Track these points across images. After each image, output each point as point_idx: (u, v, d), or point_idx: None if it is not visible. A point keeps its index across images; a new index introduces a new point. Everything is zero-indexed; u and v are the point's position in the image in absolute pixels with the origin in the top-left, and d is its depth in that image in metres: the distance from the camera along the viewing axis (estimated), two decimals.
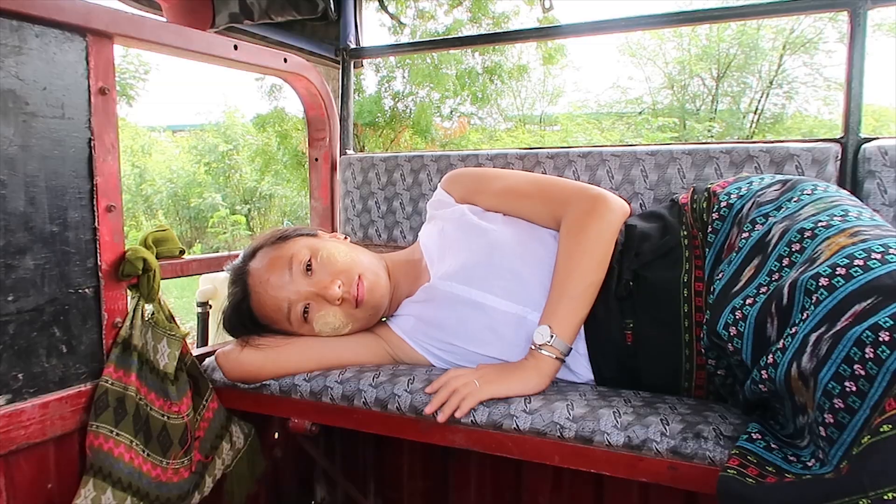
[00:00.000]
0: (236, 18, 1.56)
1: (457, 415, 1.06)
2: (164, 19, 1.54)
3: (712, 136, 10.93)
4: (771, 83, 11.91)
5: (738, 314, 0.89)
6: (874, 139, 1.27)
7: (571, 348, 1.10)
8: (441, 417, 1.07)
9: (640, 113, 12.26)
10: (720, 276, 0.98)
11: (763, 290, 0.88)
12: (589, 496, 1.50)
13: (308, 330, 1.24)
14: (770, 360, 0.81)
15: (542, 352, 1.08)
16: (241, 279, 1.26)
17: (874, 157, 1.23)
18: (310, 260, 1.21)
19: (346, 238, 1.36)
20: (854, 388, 0.70)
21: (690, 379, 1.08)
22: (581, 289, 1.09)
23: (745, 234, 0.99)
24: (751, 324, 0.87)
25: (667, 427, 0.96)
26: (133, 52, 14.20)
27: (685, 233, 1.12)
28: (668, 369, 1.09)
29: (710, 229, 1.08)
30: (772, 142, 1.35)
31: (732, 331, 0.89)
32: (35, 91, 1.03)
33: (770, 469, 0.79)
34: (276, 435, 1.59)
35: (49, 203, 1.06)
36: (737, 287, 0.93)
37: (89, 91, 1.11)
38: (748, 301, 0.89)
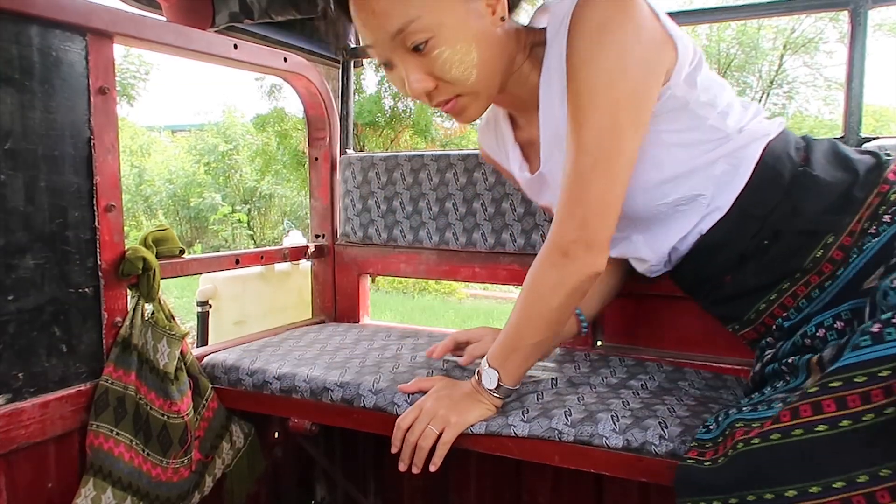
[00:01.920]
0: (236, 18, 1.56)
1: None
2: (164, 19, 1.54)
3: None
4: (771, 83, 11.91)
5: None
6: (874, 139, 1.27)
7: (515, 390, 1.07)
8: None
9: None
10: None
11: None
12: (589, 496, 1.50)
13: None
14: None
15: (488, 393, 1.05)
16: None
17: None
18: (427, 41, 0.92)
19: None
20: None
21: (751, 324, 1.03)
22: (536, 341, 1.02)
23: None
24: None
25: (665, 430, 0.96)
26: (134, 52, 14.22)
27: (856, 217, 0.93)
28: (741, 311, 1.04)
29: (872, 229, 0.92)
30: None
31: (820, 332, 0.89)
32: (35, 90, 1.03)
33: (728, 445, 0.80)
34: (276, 435, 1.59)
35: (49, 202, 1.06)
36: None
37: (89, 90, 1.11)
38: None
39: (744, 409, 0.85)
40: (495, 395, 1.05)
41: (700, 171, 0.98)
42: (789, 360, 0.87)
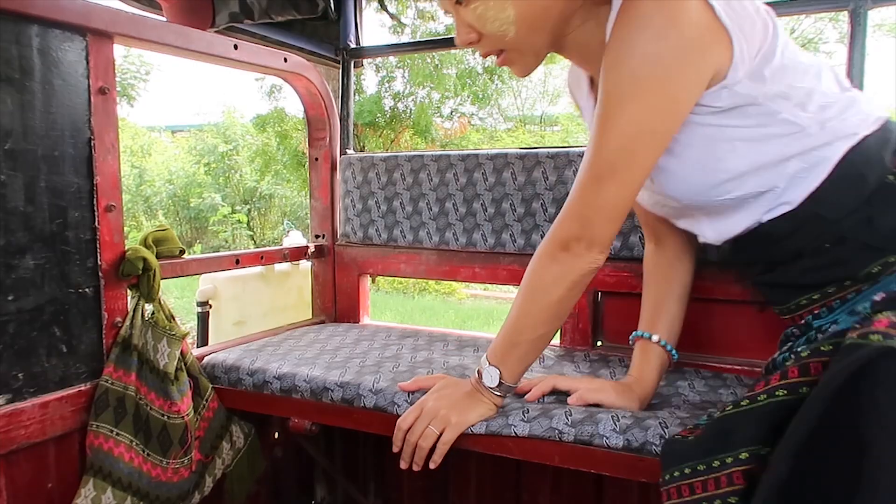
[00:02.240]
0: (236, 18, 1.56)
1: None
2: (165, 19, 1.54)
3: None
4: None
5: None
6: None
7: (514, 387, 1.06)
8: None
9: None
10: None
11: None
12: (589, 496, 1.49)
13: None
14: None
15: (489, 391, 1.04)
16: None
17: None
18: None
19: None
20: None
21: (788, 314, 1.00)
22: (535, 337, 1.01)
23: None
24: None
25: (666, 430, 0.96)
26: (134, 52, 14.22)
27: None
28: (781, 299, 1.00)
29: None
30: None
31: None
32: (35, 90, 1.03)
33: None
34: (276, 435, 1.59)
35: (49, 202, 1.06)
36: None
37: (89, 91, 1.11)
38: None
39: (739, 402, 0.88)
40: (496, 393, 1.04)
41: (770, 168, 0.90)
42: (798, 350, 0.87)
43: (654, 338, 1.12)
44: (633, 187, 0.91)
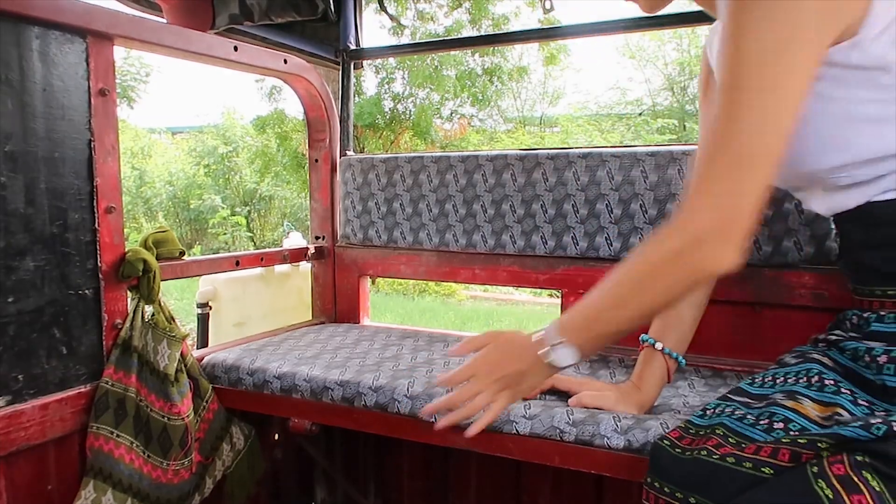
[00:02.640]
0: (236, 19, 1.56)
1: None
2: (165, 21, 1.54)
3: None
4: None
5: None
6: None
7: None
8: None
9: (640, 114, 12.27)
10: None
11: None
12: (589, 498, 1.49)
13: None
14: None
15: (550, 366, 0.93)
16: None
17: None
18: None
19: None
20: None
21: (858, 295, 0.94)
22: (628, 329, 0.90)
23: None
24: None
25: (666, 431, 0.96)
26: (134, 54, 14.23)
27: None
28: (859, 280, 0.93)
29: None
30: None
31: None
32: (35, 92, 1.03)
33: (710, 437, 0.83)
34: (276, 436, 1.59)
35: (49, 204, 1.06)
36: None
37: (89, 92, 1.11)
38: None
39: (735, 411, 0.86)
40: (558, 367, 0.93)
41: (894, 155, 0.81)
42: (833, 362, 0.86)
43: (659, 345, 1.09)
44: (774, 121, 0.77)
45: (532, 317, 6.82)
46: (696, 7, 1.14)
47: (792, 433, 0.78)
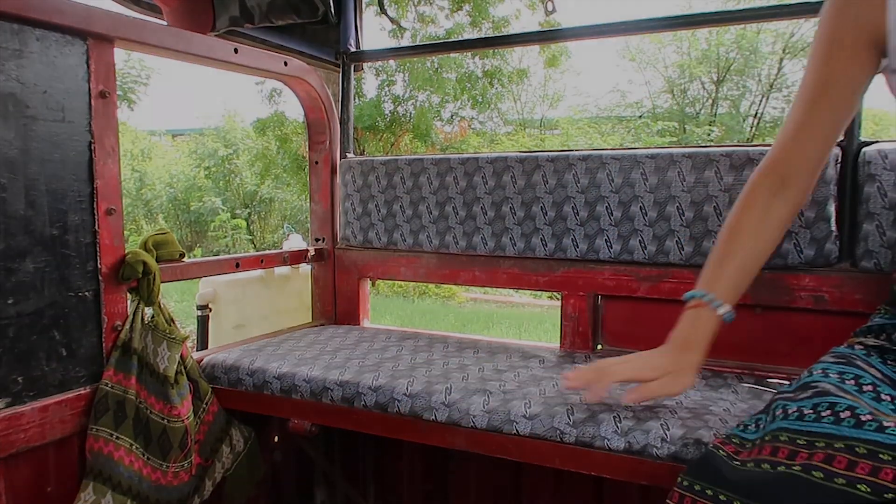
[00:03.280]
0: (237, 22, 1.56)
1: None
2: (165, 23, 1.54)
3: (712, 141, 10.95)
4: (771, 87, 11.92)
5: None
6: (874, 143, 1.27)
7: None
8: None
9: (640, 117, 12.27)
10: None
11: None
12: (589, 499, 1.49)
13: None
14: None
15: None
16: None
17: (874, 160, 1.23)
18: None
19: None
20: None
21: None
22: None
23: None
24: None
25: (667, 433, 0.96)
26: (135, 56, 14.24)
27: None
28: None
29: None
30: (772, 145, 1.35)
31: None
32: (35, 94, 1.03)
33: (747, 445, 0.79)
34: (276, 438, 1.59)
35: (49, 206, 1.06)
36: None
37: (90, 94, 1.11)
38: None
39: (790, 412, 0.79)
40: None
41: None
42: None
43: (708, 297, 1.01)
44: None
45: (532, 319, 6.81)
46: (695, 9, 1.14)
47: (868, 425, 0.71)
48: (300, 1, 1.59)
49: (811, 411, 0.77)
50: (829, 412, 0.75)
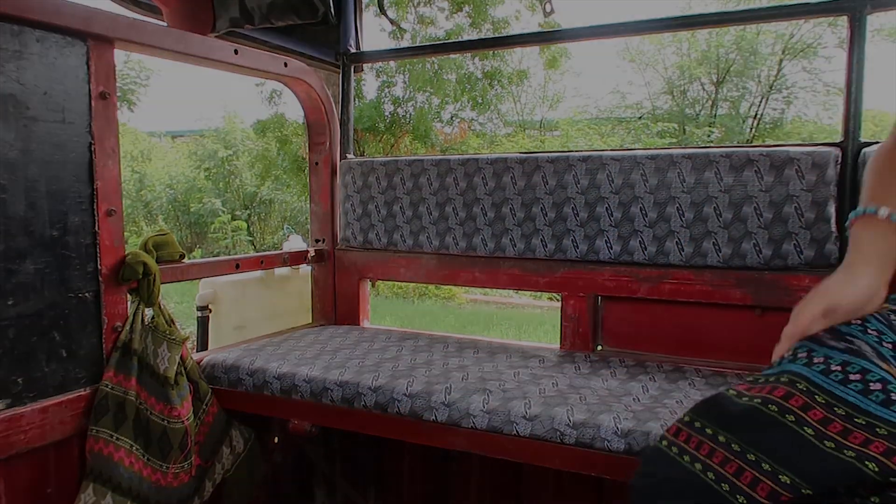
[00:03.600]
0: (237, 23, 1.56)
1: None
2: (165, 24, 1.54)
3: (711, 141, 10.95)
4: (770, 88, 11.93)
5: None
6: (874, 143, 1.27)
7: None
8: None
9: (640, 118, 12.28)
10: None
11: None
12: (590, 500, 1.49)
13: None
14: None
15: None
16: None
17: None
18: None
19: None
20: None
21: None
22: None
23: None
24: None
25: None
26: (135, 57, 14.25)
27: None
28: None
29: None
30: (772, 146, 1.35)
31: None
32: (36, 95, 1.03)
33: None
34: (276, 439, 1.59)
35: (49, 207, 1.06)
36: None
37: (90, 95, 1.11)
38: None
39: (815, 361, 0.74)
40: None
41: None
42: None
43: (884, 212, 0.85)
44: None
45: (531, 320, 6.81)
46: (695, 11, 1.14)
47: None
48: (300, 2, 1.59)
49: (839, 368, 0.72)
50: (858, 377, 0.71)
